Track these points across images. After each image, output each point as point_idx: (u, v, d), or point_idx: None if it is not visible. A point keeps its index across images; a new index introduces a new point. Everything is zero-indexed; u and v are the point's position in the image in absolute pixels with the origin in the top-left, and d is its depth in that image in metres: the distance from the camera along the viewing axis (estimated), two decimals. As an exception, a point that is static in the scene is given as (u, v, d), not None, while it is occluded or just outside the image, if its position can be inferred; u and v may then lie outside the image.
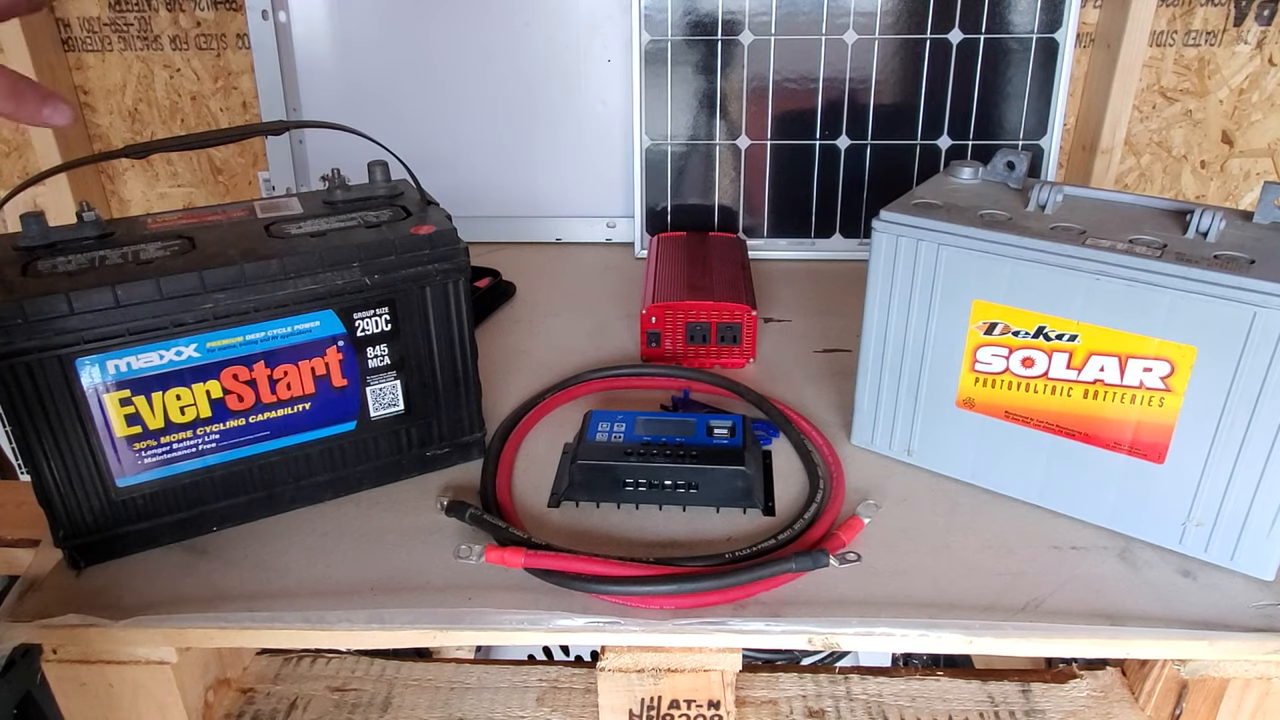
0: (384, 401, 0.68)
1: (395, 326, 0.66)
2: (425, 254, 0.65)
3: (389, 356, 0.67)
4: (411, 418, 0.69)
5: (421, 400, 0.69)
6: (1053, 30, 1.06)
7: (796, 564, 0.59)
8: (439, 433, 0.71)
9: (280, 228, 0.66)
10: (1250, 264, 0.56)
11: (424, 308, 0.67)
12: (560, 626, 0.58)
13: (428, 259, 0.65)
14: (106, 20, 1.19)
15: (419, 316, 0.67)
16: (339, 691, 0.72)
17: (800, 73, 1.09)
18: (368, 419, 0.68)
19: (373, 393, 0.67)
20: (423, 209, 0.70)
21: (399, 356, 0.67)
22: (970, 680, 0.73)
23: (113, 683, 0.61)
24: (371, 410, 0.68)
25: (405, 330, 0.67)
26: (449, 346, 0.69)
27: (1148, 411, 0.60)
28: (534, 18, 1.13)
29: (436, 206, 0.71)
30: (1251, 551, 0.60)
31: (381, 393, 0.67)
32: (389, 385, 0.67)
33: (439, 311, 0.67)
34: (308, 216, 0.69)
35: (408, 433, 0.70)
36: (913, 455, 0.72)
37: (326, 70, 1.17)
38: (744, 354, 0.89)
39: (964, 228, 0.63)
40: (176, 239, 0.64)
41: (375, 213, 0.69)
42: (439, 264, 0.66)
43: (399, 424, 0.69)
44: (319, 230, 0.66)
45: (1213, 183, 1.23)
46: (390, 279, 0.64)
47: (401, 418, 0.69)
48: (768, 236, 1.15)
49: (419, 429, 0.70)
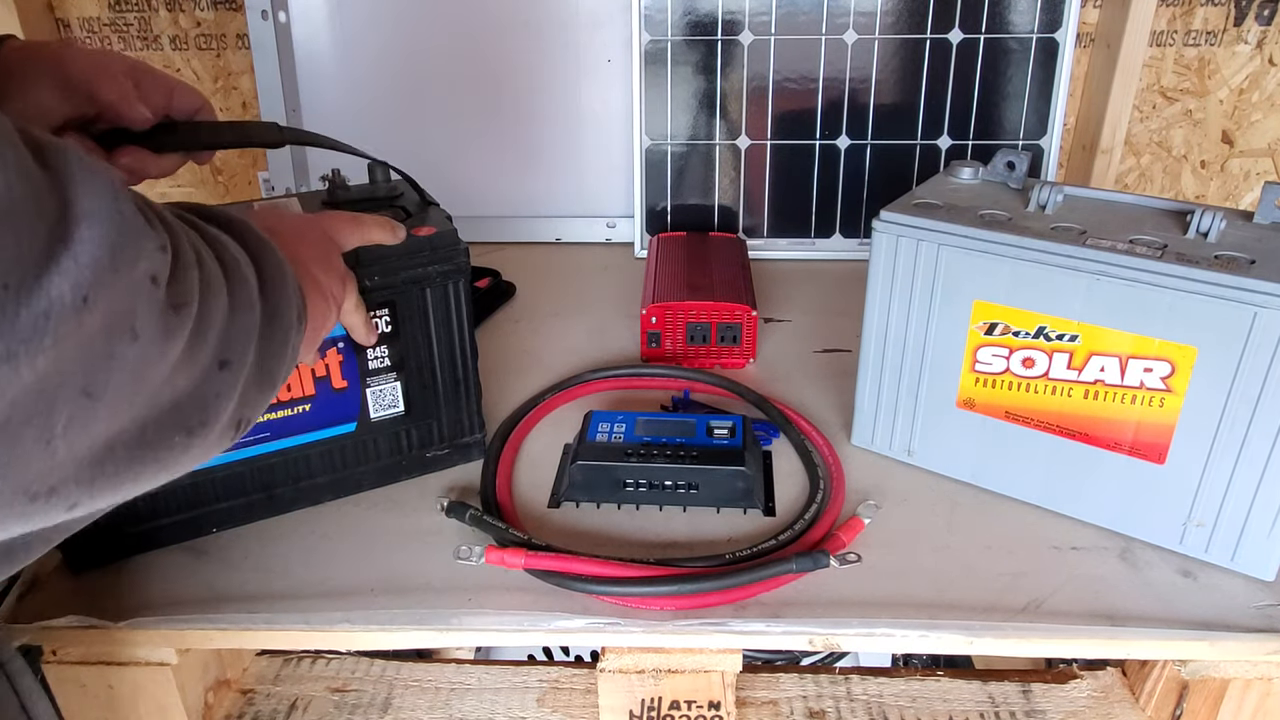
0: (384, 403, 0.68)
1: (395, 328, 0.66)
2: (426, 255, 0.65)
3: (389, 358, 0.67)
4: (411, 419, 0.69)
5: (422, 401, 0.69)
6: (1053, 30, 1.06)
7: (797, 564, 0.59)
8: (439, 434, 0.71)
9: None
10: (1251, 264, 0.56)
11: (424, 309, 0.67)
12: (560, 627, 0.58)
13: (428, 260, 0.65)
14: (106, 20, 1.19)
15: (419, 318, 0.67)
16: (339, 692, 0.72)
17: (800, 73, 1.09)
18: (368, 420, 0.68)
19: (373, 394, 0.67)
20: (423, 210, 0.70)
21: (399, 358, 0.67)
22: (971, 681, 0.73)
23: (113, 684, 0.61)
24: (372, 411, 0.68)
25: (405, 331, 0.66)
26: (449, 348, 0.69)
27: (1148, 412, 0.60)
28: (534, 18, 1.13)
29: (437, 207, 0.71)
30: (1252, 552, 0.60)
31: (381, 394, 0.67)
32: (389, 387, 0.67)
33: (439, 313, 0.67)
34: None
35: (408, 434, 0.70)
36: (913, 455, 0.72)
37: (326, 70, 1.16)
38: (744, 354, 0.89)
39: (964, 228, 0.63)
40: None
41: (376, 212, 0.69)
42: (439, 265, 0.66)
43: (399, 425, 0.69)
44: None
45: (1213, 183, 1.23)
46: (391, 281, 0.64)
47: (402, 419, 0.69)
48: (768, 236, 1.15)
49: (419, 430, 0.70)
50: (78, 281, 0.29)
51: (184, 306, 0.34)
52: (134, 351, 0.32)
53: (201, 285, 0.36)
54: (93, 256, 0.29)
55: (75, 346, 0.29)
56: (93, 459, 0.32)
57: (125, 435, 0.33)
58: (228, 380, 0.38)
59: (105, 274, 0.30)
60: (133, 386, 0.32)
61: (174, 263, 0.34)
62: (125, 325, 0.31)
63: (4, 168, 0.27)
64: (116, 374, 0.31)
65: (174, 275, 0.34)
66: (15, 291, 0.27)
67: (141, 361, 0.32)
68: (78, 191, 0.30)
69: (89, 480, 0.32)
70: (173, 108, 0.62)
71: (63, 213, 0.29)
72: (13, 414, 0.28)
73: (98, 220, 0.30)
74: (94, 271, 0.29)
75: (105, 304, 0.30)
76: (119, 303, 0.31)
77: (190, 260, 0.35)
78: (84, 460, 0.31)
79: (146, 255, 0.32)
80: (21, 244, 0.27)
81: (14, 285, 0.27)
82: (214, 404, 0.37)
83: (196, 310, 0.35)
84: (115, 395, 0.31)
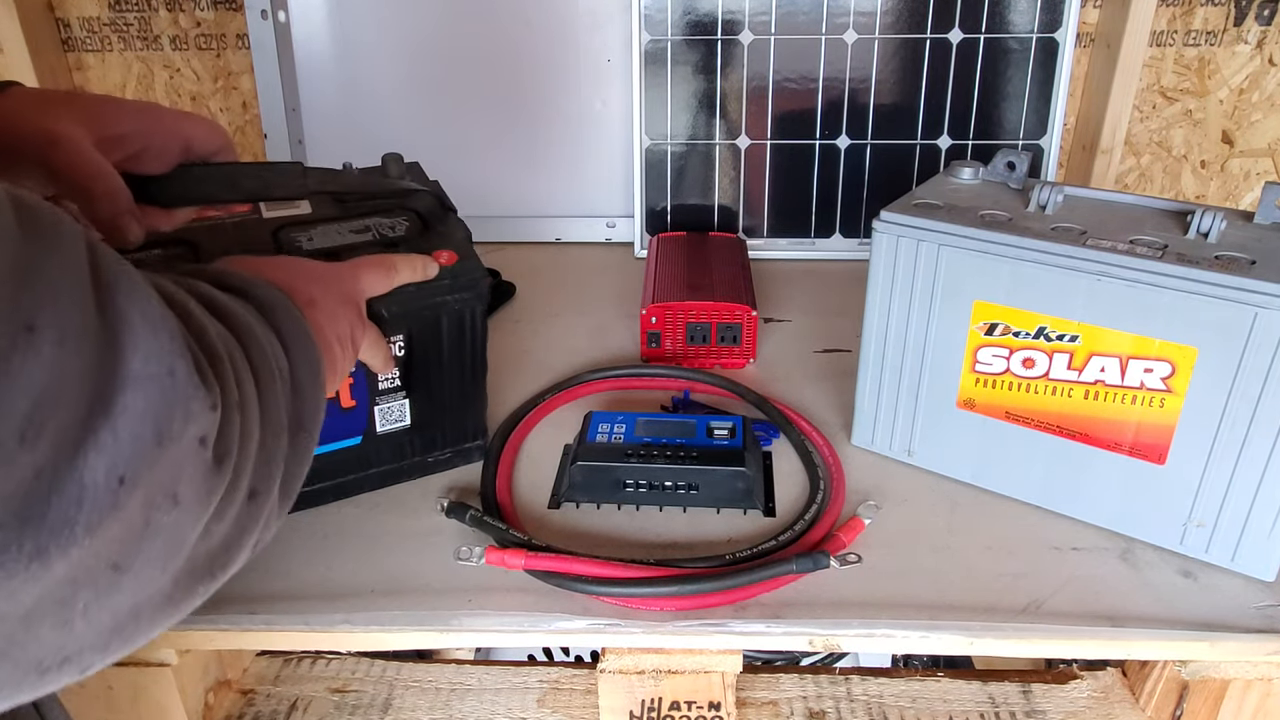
0: (391, 418, 0.67)
1: (409, 352, 0.65)
2: (446, 285, 0.63)
3: (399, 379, 0.66)
4: (417, 430, 0.69)
5: (428, 415, 0.69)
6: (1053, 30, 1.06)
7: (797, 565, 0.59)
8: (442, 441, 0.71)
9: (289, 236, 0.65)
10: (1251, 264, 0.56)
11: (439, 334, 0.65)
12: (561, 628, 0.58)
13: (449, 290, 0.64)
14: (106, 20, 1.19)
15: (433, 342, 0.65)
16: (339, 693, 0.72)
17: (800, 72, 1.09)
18: (373, 433, 0.67)
19: (380, 411, 0.66)
20: (440, 216, 0.68)
21: (409, 379, 0.66)
22: (971, 681, 0.73)
23: (112, 685, 0.61)
24: (378, 426, 0.67)
25: (418, 355, 0.65)
26: (461, 367, 0.68)
27: (1148, 412, 0.60)
28: (534, 17, 1.13)
29: (455, 216, 0.68)
30: (1252, 552, 0.60)
31: (389, 410, 0.67)
32: (397, 404, 0.67)
33: (454, 336, 0.66)
34: (317, 220, 0.67)
35: (412, 443, 0.70)
36: (913, 456, 0.72)
37: (326, 70, 1.16)
38: (744, 354, 0.89)
39: (964, 228, 0.63)
40: (178, 245, 0.63)
41: (389, 219, 0.67)
42: (459, 294, 0.64)
43: (404, 436, 0.69)
44: (331, 246, 0.64)
45: (1213, 183, 1.23)
46: (408, 309, 0.63)
47: (407, 431, 0.68)
48: (768, 236, 1.15)
49: (423, 439, 0.70)
50: (114, 461, 0.25)
51: (226, 458, 0.31)
52: (172, 518, 0.28)
53: (243, 428, 0.33)
54: (134, 432, 0.26)
55: (109, 528, 0.26)
56: (114, 627, 0.29)
57: (152, 599, 0.30)
58: (254, 513, 0.35)
59: (148, 449, 0.26)
60: (166, 552, 0.29)
61: (223, 416, 0.30)
62: (167, 494, 0.28)
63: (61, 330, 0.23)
64: (150, 543, 0.28)
65: (221, 430, 0.30)
66: (48, 477, 0.24)
67: (179, 526, 0.29)
68: (131, 347, 0.26)
69: (104, 646, 0.29)
70: (191, 152, 0.57)
71: (110, 373, 0.25)
72: (37, 606, 0.25)
73: (146, 387, 0.26)
74: (134, 447, 0.26)
75: (146, 482, 0.26)
76: (161, 475, 0.27)
77: (234, 400, 0.32)
78: (104, 629, 0.28)
79: (196, 419, 0.29)
80: (60, 420, 0.24)
81: (47, 469, 0.24)
82: (239, 541, 0.35)
83: (237, 454, 0.32)
84: (145, 564, 0.28)
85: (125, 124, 0.53)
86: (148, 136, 0.54)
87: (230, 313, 0.37)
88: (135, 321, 0.27)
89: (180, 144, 0.56)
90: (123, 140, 0.52)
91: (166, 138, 0.55)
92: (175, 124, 0.56)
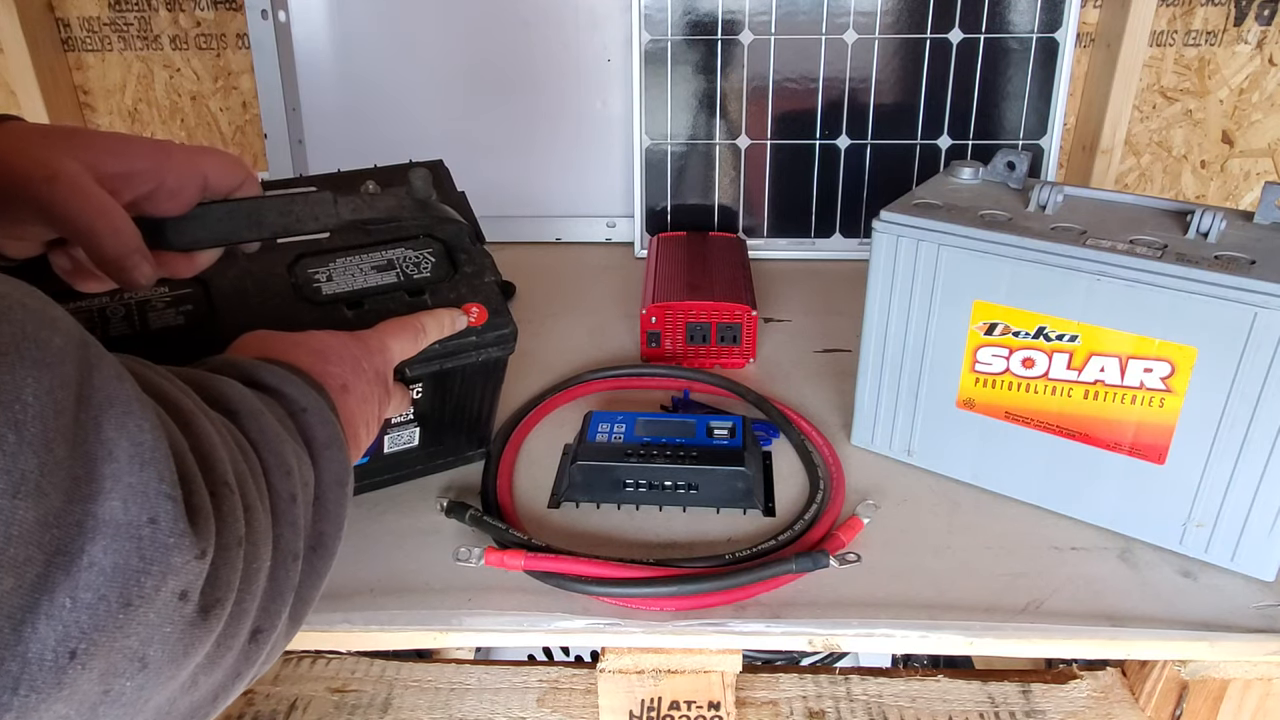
0: (400, 442, 0.67)
1: (426, 397, 0.64)
2: (473, 340, 0.62)
3: (413, 415, 0.65)
4: (423, 447, 0.69)
5: (437, 438, 0.68)
6: (1053, 30, 1.06)
7: (797, 565, 0.59)
8: (447, 453, 0.71)
9: (307, 274, 0.61)
10: (1251, 264, 0.56)
11: (460, 379, 0.64)
12: (560, 628, 0.58)
13: (475, 346, 0.62)
14: (106, 20, 1.19)
15: (452, 386, 0.64)
16: (339, 692, 0.72)
17: (800, 72, 1.09)
18: (381, 454, 0.67)
19: (391, 438, 0.66)
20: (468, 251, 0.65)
21: (424, 414, 0.65)
22: (970, 681, 0.73)
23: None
24: (386, 449, 0.67)
25: (435, 396, 0.64)
26: (478, 405, 0.68)
27: (1148, 412, 0.60)
28: (534, 17, 1.13)
29: (482, 248, 0.66)
30: (1252, 552, 0.60)
31: (399, 436, 0.66)
32: (408, 432, 0.66)
33: (474, 381, 0.65)
34: (337, 250, 0.63)
35: (417, 456, 0.69)
36: (913, 455, 0.72)
37: (326, 70, 1.16)
38: (744, 354, 0.89)
39: (964, 228, 0.63)
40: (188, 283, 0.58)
41: (415, 252, 0.64)
42: (485, 350, 0.62)
43: (410, 453, 0.68)
44: (354, 292, 0.61)
45: (1213, 183, 1.23)
46: (430, 366, 0.61)
47: (413, 449, 0.68)
48: (768, 236, 1.15)
49: (429, 453, 0.70)
50: (68, 631, 0.21)
51: (216, 606, 0.27)
52: (136, 683, 0.24)
53: (246, 568, 0.29)
54: (98, 594, 0.21)
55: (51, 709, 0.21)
56: None
57: None
58: (254, 653, 0.31)
59: (111, 614, 0.22)
60: (126, 716, 0.24)
61: (214, 561, 0.26)
62: (133, 658, 0.23)
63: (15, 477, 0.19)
64: (107, 710, 0.23)
65: (214, 577, 0.26)
66: None
67: (143, 690, 0.24)
68: (111, 487, 0.22)
69: None
70: (209, 189, 0.51)
71: (78, 521, 0.21)
72: None
73: (119, 538, 0.22)
74: (95, 612, 0.21)
75: (105, 652, 0.22)
76: (127, 642, 0.23)
77: (236, 537, 0.28)
78: None
79: (176, 572, 0.24)
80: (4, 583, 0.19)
81: None
82: (232, 686, 0.31)
83: (234, 599, 0.28)
84: None
85: (134, 160, 0.47)
86: (160, 174, 0.48)
87: (253, 424, 0.33)
88: (121, 455, 0.23)
89: (197, 181, 0.50)
90: (132, 178, 0.47)
91: (181, 175, 0.49)
92: (189, 160, 0.50)
